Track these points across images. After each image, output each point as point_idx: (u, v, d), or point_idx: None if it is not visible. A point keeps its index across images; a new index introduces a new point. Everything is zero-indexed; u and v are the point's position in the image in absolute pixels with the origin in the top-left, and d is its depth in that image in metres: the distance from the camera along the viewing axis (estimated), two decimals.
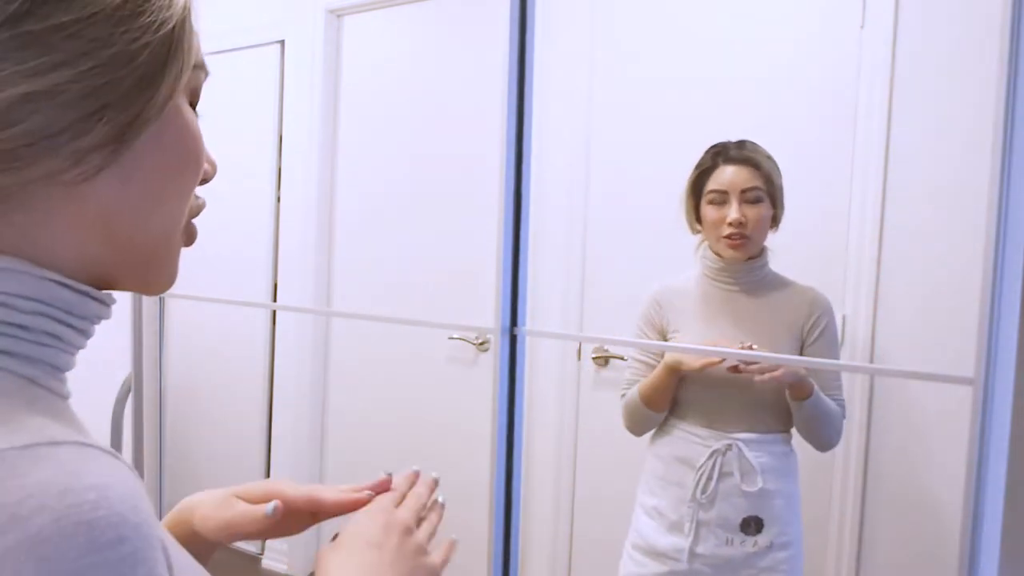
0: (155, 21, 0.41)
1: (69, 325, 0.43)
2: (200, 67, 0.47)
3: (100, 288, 0.45)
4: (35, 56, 0.38)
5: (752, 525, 1.41)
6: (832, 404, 1.45)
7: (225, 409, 2.82)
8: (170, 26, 0.42)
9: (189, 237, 0.50)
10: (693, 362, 1.43)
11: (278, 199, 2.69)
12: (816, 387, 1.42)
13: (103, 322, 0.46)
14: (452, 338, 2.35)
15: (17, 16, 0.37)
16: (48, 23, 0.38)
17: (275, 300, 2.69)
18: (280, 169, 2.67)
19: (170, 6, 0.42)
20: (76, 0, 0.38)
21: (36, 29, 0.38)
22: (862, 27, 1.72)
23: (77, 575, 0.32)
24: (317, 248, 2.58)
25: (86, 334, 0.45)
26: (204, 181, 0.49)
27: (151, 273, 0.47)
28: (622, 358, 2.05)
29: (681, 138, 1.93)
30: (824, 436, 1.46)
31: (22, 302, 0.40)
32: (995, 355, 0.94)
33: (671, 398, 1.50)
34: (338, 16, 2.55)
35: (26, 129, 0.38)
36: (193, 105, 0.48)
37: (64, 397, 0.43)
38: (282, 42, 2.64)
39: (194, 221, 0.50)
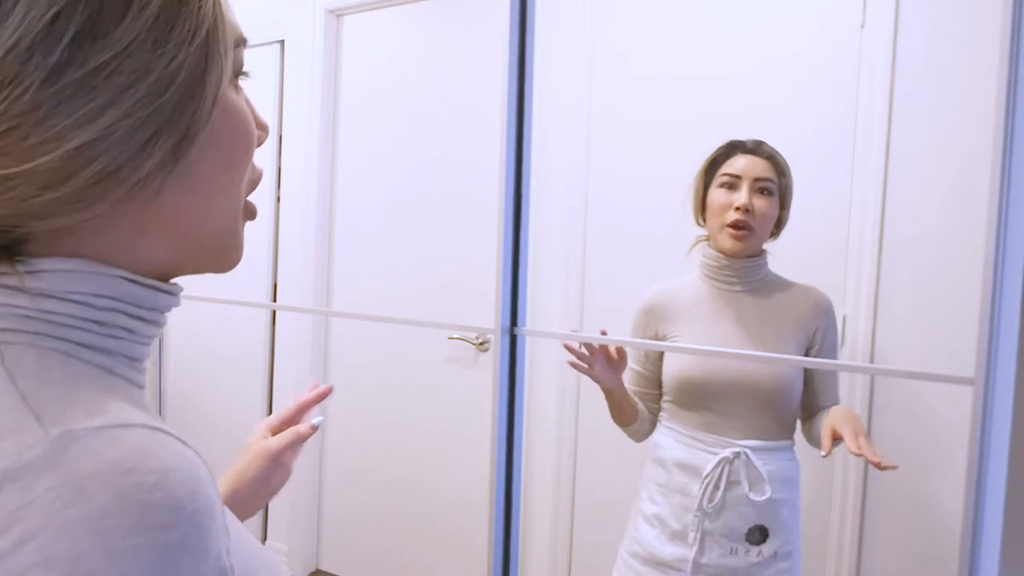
0: (189, 32, 0.41)
1: (140, 318, 0.45)
2: (238, 44, 0.46)
3: (168, 278, 0.48)
4: (82, 104, 0.38)
5: (757, 534, 1.38)
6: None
7: (224, 409, 2.82)
8: (203, 32, 0.42)
9: (249, 213, 0.51)
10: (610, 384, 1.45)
11: (278, 199, 2.69)
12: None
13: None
14: (452, 338, 2.35)
15: (58, 67, 0.37)
16: (88, 67, 0.38)
17: (275, 300, 2.69)
18: (280, 169, 2.67)
19: (200, 9, 0.42)
20: (110, 35, 0.38)
21: (78, 77, 0.38)
22: (862, 27, 1.72)
23: (123, 554, 0.33)
24: (317, 248, 2.58)
25: (158, 324, 0.47)
26: (258, 144, 0.50)
27: (220, 257, 0.49)
28: None
29: (681, 138, 1.93)
30: None
31: (97, 300, 0.43)
32: (996, 355, 0.94)
33: (632, 408, 1.51)
34: (338, 16, 2.55)
35: (86, 176, 0.39)
36: (237, 81, 0.48)
37: (140, 386, 0.46)
38: (282, 42, 2.64)
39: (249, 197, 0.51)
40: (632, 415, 1.52)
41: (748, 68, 1.85)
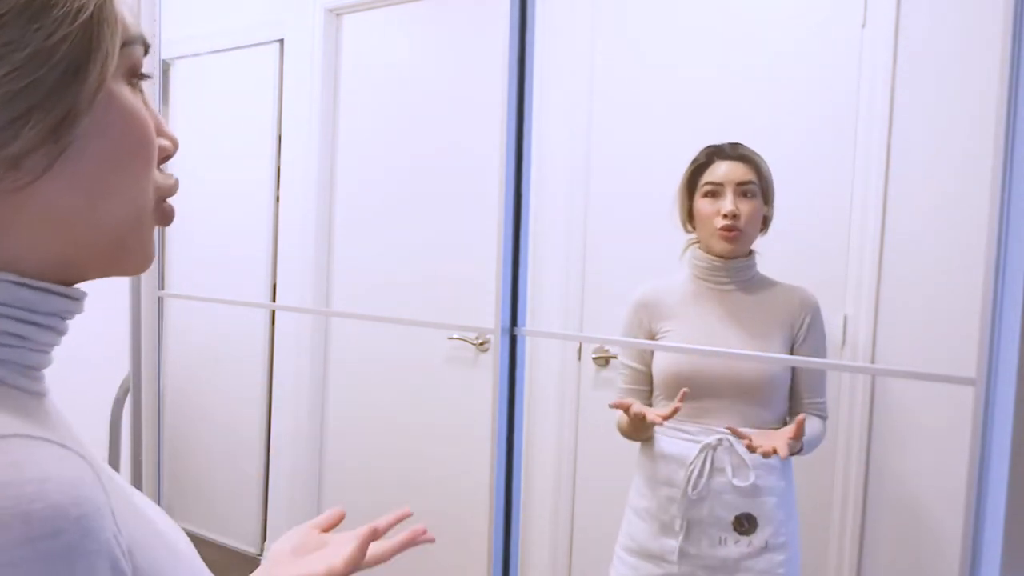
0: (70, 10, 0.39)
1: (34, 323, 0.42)
2: (133, 42, 0.44)
3: (70, 282, 0.45)
4: None
5: (746, 523, 1.39)
6: (818, 427, 1.46)
7: (224, 409, 2.82)
8: (88, 12, 0.40)
9: (164, 217, 0.48)
10: (656, 419, 1.36)
11: (277, 199, 2.69)
12: (804, 432, 1.37)
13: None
14: (452, 338, 2.35)
15: None
16: None
17: (274, 300, 2.69)
18: (279, 168, 2.67)
19: None
20: None
21: None
22: (863, 26, 1.72)
23: (9, 567, 0.32)
24: (316, 248, 2.58)
25: (56, 330, 0.44)
26: (165, 158, 0.48)
27: (121, 259, 0.46)
28: None
29: (681, 138, 1.92)
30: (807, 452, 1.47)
31: None
32: (997, 355, 0.94)
33: (648, 434, 1.49)
34: (337, 15, 2.55)
35: None
36: (136, 83, 0.45)
37: (37, 394, 0.43)
38: (281, 41, 2.64)
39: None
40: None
41: (749, 67, 1.85)
